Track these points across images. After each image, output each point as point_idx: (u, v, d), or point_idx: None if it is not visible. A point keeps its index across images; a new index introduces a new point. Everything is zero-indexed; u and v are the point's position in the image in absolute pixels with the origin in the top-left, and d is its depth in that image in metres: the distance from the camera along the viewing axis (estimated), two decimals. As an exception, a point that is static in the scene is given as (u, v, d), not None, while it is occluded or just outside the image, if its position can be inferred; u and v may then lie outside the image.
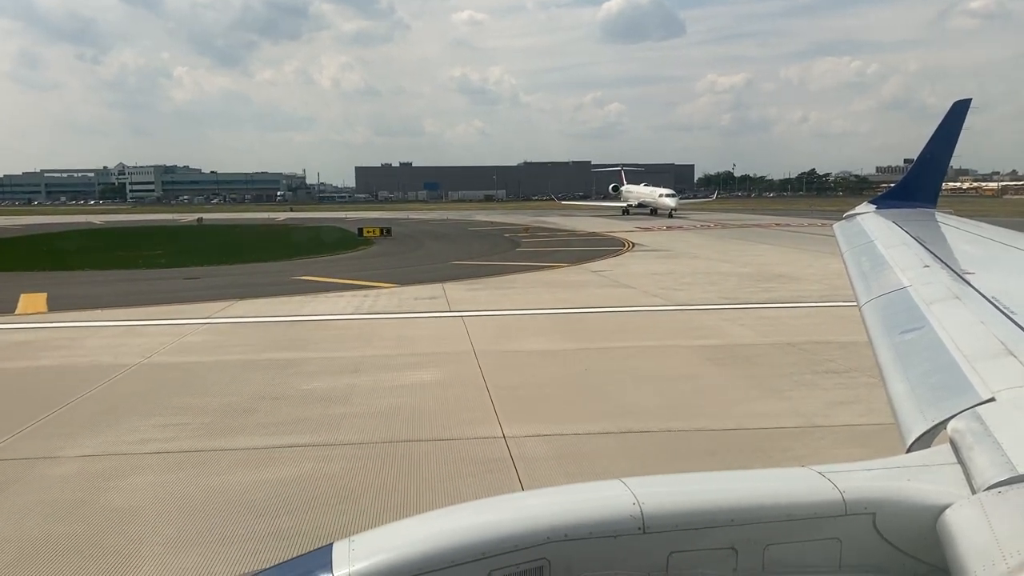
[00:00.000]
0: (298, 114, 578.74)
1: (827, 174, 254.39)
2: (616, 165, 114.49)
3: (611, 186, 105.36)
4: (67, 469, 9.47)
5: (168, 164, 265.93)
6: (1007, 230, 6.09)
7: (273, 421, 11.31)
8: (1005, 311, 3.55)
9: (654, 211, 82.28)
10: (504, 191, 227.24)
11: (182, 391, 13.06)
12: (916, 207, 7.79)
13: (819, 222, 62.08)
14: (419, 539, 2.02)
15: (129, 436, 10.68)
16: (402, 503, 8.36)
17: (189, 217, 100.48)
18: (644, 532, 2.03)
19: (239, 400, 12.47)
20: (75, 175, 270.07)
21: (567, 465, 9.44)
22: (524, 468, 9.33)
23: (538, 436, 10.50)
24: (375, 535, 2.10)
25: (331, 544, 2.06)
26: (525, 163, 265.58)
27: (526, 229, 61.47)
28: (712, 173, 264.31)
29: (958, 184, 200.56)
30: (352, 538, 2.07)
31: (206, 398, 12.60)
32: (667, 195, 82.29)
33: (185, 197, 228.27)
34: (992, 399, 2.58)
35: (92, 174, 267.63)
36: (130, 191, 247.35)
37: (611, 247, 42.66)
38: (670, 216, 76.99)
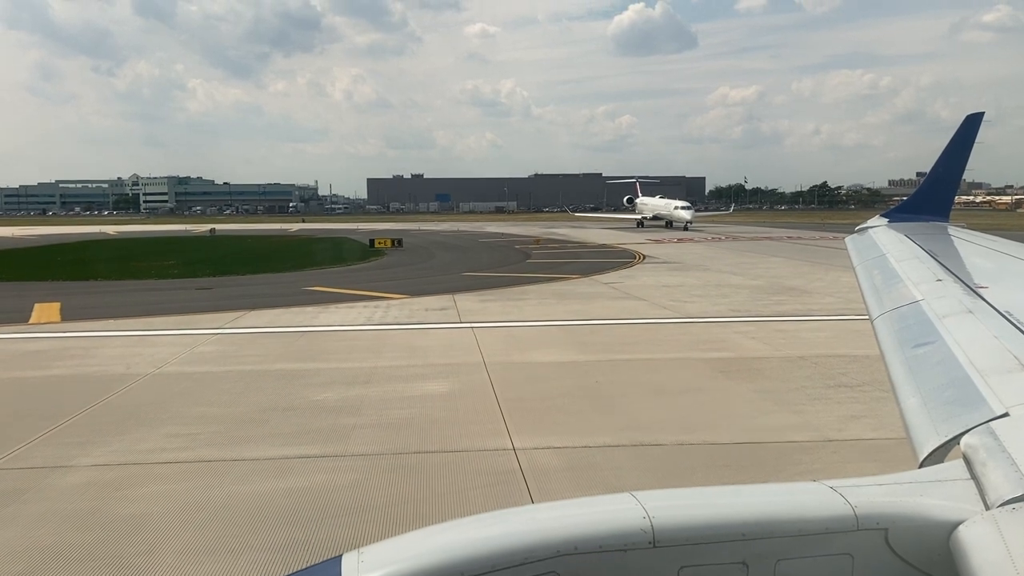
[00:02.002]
0: (311, 126, 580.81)
1: (839, 187, 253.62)
2: (630, 177, 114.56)
3: (625, 198, 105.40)
4: (80, 478, 9.51)
5: (181, 175, 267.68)
6: (1021, 244, 6.05)
7: (284, 432, 11.33)
8: (1019, 326, 3.53)
9: (669, 224, 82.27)
10: (515, 203, 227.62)
11: (194, 401, 13.11)
12: (929, 220, 7.77)
13: (831, 235, 61.88)
14: (428, 551, 2.02)
15: (141, 445, 10.72)
16: (412, 515, 8.35)
17: (202, 228, 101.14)
18: (654, 546, 2.02)
19: (250, 410, 12.51)
20: (89, 186, 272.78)
21: (578, 478, 9.41)
22: (534, 481, 9.31)
23: (549, 448, 10.47)
24: (384, 547, 2.10)
25: (340, 555, 2.07)
26: (536, 175, 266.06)
27: (537, 241, 61.51)
28: (723, 185, 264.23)
29: (971, 197, 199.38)
30: (362, 550, 2.07)
31: (218, 408, 12.64)
32: (682, 208, 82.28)
33: (198, 208, 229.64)
34: (1006, 414, 2.56)
35: (106, 185, 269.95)
36: (143, 202, 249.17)
37: (622, 259, 42.63)
38: (685, 229, 76.99)
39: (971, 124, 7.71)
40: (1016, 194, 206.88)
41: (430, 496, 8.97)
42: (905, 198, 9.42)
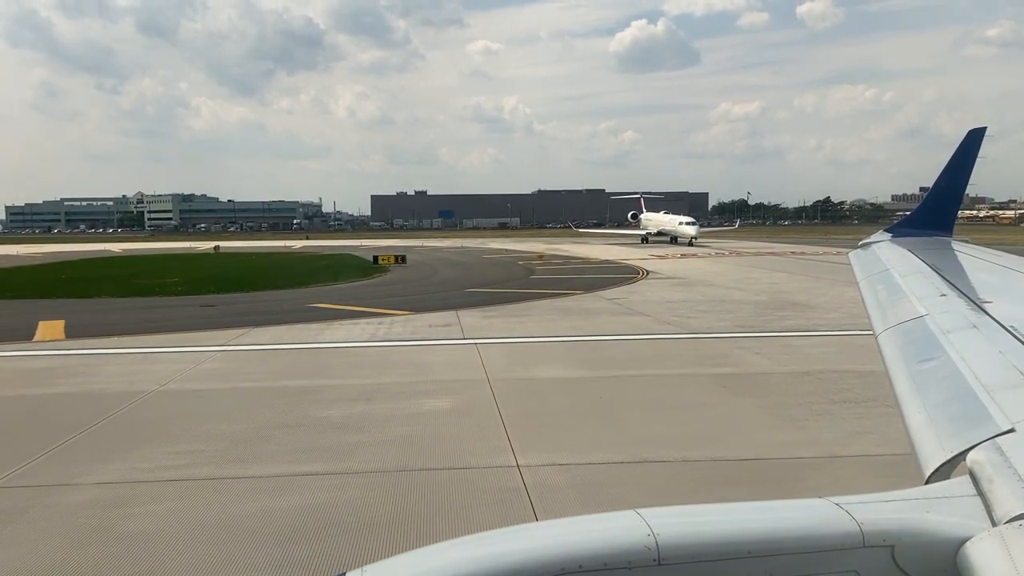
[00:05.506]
0: (314, 143, 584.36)
1: (842, 202, 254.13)
2: (634, 193, 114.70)
3: (630, 214, 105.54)
4: (84, 496, 9.49)
5: (186, 193, 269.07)
6: None
7: (288, 449, 11.31)
8: None
9: (674, 239, 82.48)
10: (518, 219, 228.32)
11: (198, 418, 13.10)
12: (932, 235, 7.76)
13: (834, 250, 61.87)
14: (431, 569, 2.01)
15: (145, 463, 10.71)
16: (415, 533, 8.31)
17: (206, 245, 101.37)
18: (659, 564, 2.01)
19: (254, 428, 12.49)
20: (94, 203, 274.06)
21: (582, 495, 9.38)
22: (538, 498, 9.28)
23: (553, 465, 10.44)
24: (387, 565, 2.09)
25: (344, 574, 2.06)
26: (539, 191, 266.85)
27: (540, 257, 61.60)
28: (726, 201, 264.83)
29: (975, 212, 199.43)
30: (364, 568, 2.06)
31: (221, 425, 12.63)
32: (687, 223, 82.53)
33: (202, 225, 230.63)
34: (1012, 430, 2.55)
35: (111, 203, 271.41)
36: (148, 219, 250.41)
37: (625, 275, 42.63)
38: (689, 244, 77.21)
39: (973, 139, 7.72)
40: (1019, 208, 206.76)
41: (434, 514, 8.94)
42: (908, 213, 9.42)
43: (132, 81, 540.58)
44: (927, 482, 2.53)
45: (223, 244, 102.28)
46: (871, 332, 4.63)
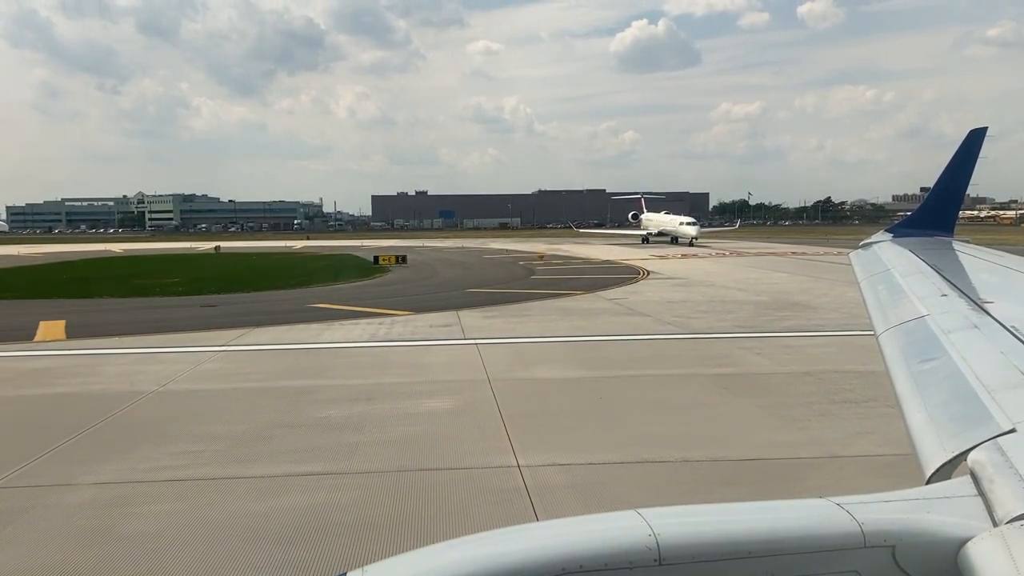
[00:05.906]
0: (315, 143, 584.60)
1: (843, 202, 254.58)
2: (635, 193, 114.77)
3: (630, 214, 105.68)
4: (83, 496, 9.49)
5: (187, 193, 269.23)
6: None
7: (288, 449, 11.31)
8: None
9: (674, 239, 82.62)
10: (519, 219, 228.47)
11: (198, 419, 13.10)
12: (933, 235, 7.75)
13: (835, 250, 61.86)
14: (431, 569, 2.01)
15: (145, 464, 10.71)
16: (415, 533, 8.31)
17: (207, 246, 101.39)
18: (660, 564, 2.01)
19: (255, 428, 12.49)
20: (95, 204, 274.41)
21: (583, 495, 9.37)
22: (539, 498, 9.27)
23: (553, 465, 10.43)
24: (387, 565, 2.09)
25: (344, 573, 2.06)
26: (540, 191, 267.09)
27: (541, 257, 61.62)
28: (727, 201, 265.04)
29: (976, 212, 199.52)
30: (365, 568, 2.06)
31: (221, 426, 12.63)
32: (688, 223, 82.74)
33: (203, 226, 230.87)
34: (1012, 430, 2.55)
35: (112, 203, 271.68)
36: (149, 220, 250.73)
37: (626, 275, 42.63)
38: (690, 244, 77.33)
39: (974, 139, 7.71)
40: (1020, 209, 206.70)
41: (434, 514, 8.93)
42: (909, 213, 9.41)
43: (132, 81, 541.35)
44: (928, 482, 2.52)
45: (224, 244, 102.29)
46: (872, 332, 4.63)
